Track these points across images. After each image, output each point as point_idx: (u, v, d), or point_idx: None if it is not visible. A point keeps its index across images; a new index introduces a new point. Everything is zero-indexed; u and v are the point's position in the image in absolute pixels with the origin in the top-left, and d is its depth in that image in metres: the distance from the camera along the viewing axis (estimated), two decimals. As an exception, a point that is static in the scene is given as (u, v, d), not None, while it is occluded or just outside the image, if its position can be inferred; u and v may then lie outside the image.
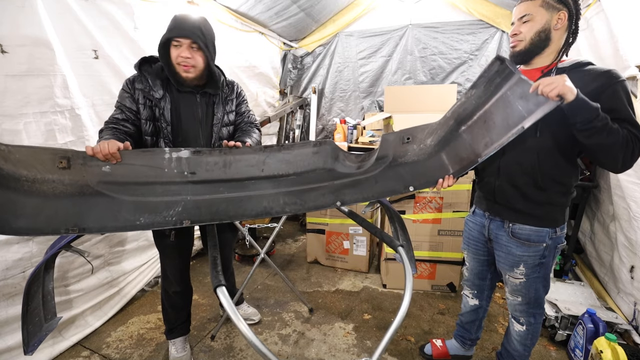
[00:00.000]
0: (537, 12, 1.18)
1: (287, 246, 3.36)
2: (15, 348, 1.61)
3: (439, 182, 1.35)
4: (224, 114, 1.55)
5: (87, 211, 1.10)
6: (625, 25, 1.86)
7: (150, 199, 1.18)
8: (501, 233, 1.39)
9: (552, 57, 1.23)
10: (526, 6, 1.20)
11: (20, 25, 1.49)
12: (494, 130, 1.24)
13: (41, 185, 1.04)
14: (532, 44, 1.21)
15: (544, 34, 1.19)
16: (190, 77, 1.39)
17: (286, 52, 4.06)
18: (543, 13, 1.17)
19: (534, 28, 1.19)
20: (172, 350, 1.80)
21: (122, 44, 2.02)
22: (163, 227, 1.18)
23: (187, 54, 1.34)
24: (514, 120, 1.17)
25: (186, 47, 1.34)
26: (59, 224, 1.07)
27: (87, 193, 1.11)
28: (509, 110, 1.19)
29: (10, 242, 1.58)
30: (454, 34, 3.41)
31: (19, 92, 1.53)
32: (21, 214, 1.01)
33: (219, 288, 0.92)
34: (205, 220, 1.23)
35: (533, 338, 1.49)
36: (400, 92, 3.09)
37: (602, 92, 1.11)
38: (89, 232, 1.11)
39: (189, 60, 1.36)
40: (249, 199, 1.29)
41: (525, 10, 1.20)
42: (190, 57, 1.35)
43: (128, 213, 1.15)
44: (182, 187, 1.22)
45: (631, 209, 1.86)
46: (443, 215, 2.39)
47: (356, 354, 1.89)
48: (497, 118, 1.23)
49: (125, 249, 2.22)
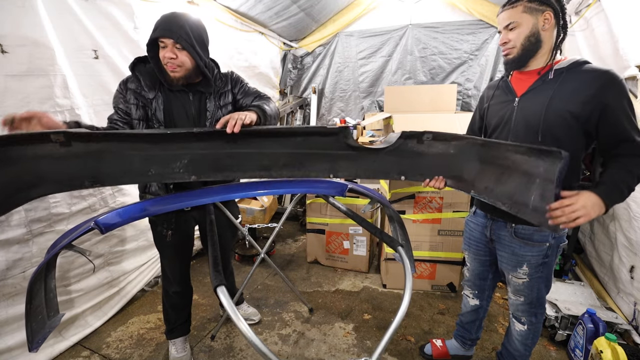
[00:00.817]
0: (521, 17, 1.18)
1: (287, 246, 3.37)
2: (15, 348, 1.61)
3: (426, 181, 1.39)
4: (217, 109, 1.51)
5: (102, 167, 1.19)
6: (625, 25, 1.86)
7: (157, 152, 1.24)
8: (504, 233, 1.39)
9: (546, 57, 1.23)
10: (509, 14, 1.20)
11: (20, 25, 1.49)
12: (500, 187, 1.23)
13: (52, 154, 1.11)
14: (524, 49, 1.21)
15: (534, 37, 1.19)
16: (177, 77, 1.37)
17: (286, 52, 4.06)
18: (527, 18, 1.17)
19: (523, 34, 1.19)
20: (172, 350, 1.80)
21: (122, 44, 2.02)
22: (171, 180, 1.25)
23: (171, 54, 1.32)
24: (519, 199, 1.15)
25: (170, 48, 1.32)
26: (78, 180, 1.18)
27: (97, 153, 1.18)
28: (524, 190, 1.15)
29: (10, 242, 1.58)
30: (454, 34, 3.42)
31: (19, 92, 1.53)
32: (41, 181, 1.12)
33: (219, 288, 0.92)
34: (210, 175, 1.28)
35: (534, 338, 1.49)
36: (400, 92, 3.09)
37: (605, 93, 1.11)
38: (108, 183, 1.20)
39: (174, 61, 1.34)
40: (251, 155, 1.30)
41: (509, 18, 1.20)
42: (175, 57, 1.33)
43: (139, 165, 1.22)
44: (188, 143, 1.25)
45: (631, 209, 1.86)
46: (443, 215, 2.39)
47: (356, 354, 1.90)
48: (511, 183, 1.20)
49: (125, 249, 2.22)
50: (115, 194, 2.07)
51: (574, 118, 1.16)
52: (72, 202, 1.82)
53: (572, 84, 1.17)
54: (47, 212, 1.69)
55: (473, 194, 1.32)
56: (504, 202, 1.20)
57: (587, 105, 1.13)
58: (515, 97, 1.31)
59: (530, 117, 1.25)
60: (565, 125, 1.18)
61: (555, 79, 1.20)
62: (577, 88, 1.15)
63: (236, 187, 1.62)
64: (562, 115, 1.18)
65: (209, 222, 1.32)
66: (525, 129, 1.26)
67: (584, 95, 1.13)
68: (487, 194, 1.27)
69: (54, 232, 1.72)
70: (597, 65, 1.18)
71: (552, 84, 1.20)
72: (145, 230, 2.31)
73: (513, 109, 1.31)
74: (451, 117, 2.67)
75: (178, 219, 1.58)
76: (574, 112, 1.15)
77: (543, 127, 1.21)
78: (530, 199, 1.12)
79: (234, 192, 1.58)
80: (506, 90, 1.36)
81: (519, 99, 1.29)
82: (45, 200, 1.68)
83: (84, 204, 1.88)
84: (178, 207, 1.43)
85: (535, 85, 1.25)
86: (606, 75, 1.13)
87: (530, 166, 1.13)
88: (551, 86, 1.20)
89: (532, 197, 1.11)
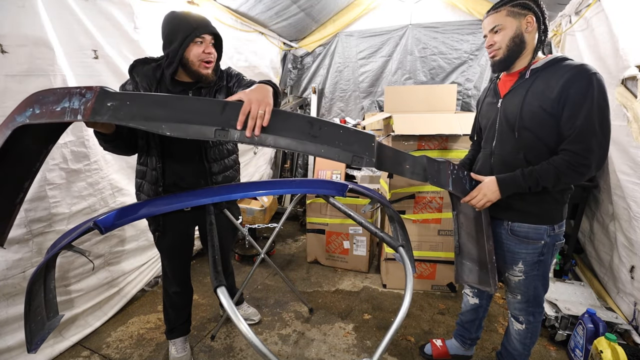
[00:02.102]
0: (505, 21, 1.23)
1: (287, 246, 3.37)
2: (15, 348, 1.61)
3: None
4: None
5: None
6: (625, 25, 1.86)
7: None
8: (500, 231, 1.41)
9: (529, 58, 1.27)
10: (493, 18, 1.26)
11: (20, 25, 1.49)
12: (466, 238, 1.55)
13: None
14: (510, 49, 1.26)
15: (518, 38, 1.24)
16: (210, 73, 1.41)
17: (286, 52, 4.06)
18: (511, 21, 1.23)
19: (507, 35, 1.24)
20: (172, 350, 1.80)
21: (122, 44, 2.02)
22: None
23: (211, 49, 1.38)
24: (464, 256, 1.59)
25: (207, 44, 1.37)
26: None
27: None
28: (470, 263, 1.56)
29: (10, 242, 1.58)
30: (454, 34, 3.42)
31: (19, 92, 1.52)
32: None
33: (219, 288, 0.92)
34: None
35: (533, 337, 1.49)
36: (400, 92, 3.09)
37: (570, 87, 1.14)
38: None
39: (212, 56, 1.39)
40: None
41: (494, 22, 1.25)
42: (212, 52, 1.39)
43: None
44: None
45: (631, 209, 1.86)
46: (443, 215, 2.39)
47: (356, 354, 1.90)
48: (471, 247, 1.53)
49: (125, 249, 2.22)
50: (115, 194, 2.07)
51: (547, 114, 1.20)
52: (72, 202, 1.82)
53: (544, 81, 1.21)
54: (47, 212, 1.69)
55: (454, 214, 1.58)
56: (460, 240, 1.58)
57: (555, 100, 1.17)
58: (500, 98, 1.36)
59: (509, 116, 1.30)
60: (540, 122, 1.23)
61: (531, 77, 1.25)
62: (549, 84, 1.19)
63: (236, 187, 1.62)
64: (535, 111, 1.22)
65: (209, 223, 1.32)
66: (507, 129, 1.31)
67: (553, 91, 1.17)
68: (459, 226, 1.57)
69: (54, 232, 1.72)
70: (574, 61, 1.20)
71: (528, 83, 1.25)
72: (145, 230, 2.31)
73: (497, 110, 1.37)
74: (451, 117, 2.67)
75: (167, 221, 1.57)
76: (546, 108, 1.19)
77: (519, 124, 1.26)
78: (467, 262, 1.57)
79: (234, 192, 1.58)
80: (493, 92, 1.42)
81: (502, 100, 1.35)
82: (45, 200, 1.68)
83: (84, 204, 1.88)
84: (178, 207, 1.44)
85: (515, 85, 1.30)
86: (575, 69, 1.15)
87: (484, 260, 1.45)
88: (527, 85, 1.25)
89: (468, 263, 1.57)
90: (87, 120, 0.95)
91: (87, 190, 1.89)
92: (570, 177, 1.19)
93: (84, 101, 0.94)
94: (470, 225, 1.50)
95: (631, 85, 1.79)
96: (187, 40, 1.32)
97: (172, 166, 1.49)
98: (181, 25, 1.34)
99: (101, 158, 1.95)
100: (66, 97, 0.94)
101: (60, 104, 0.93)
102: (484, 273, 1.47)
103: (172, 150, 1.47)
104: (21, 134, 0.98)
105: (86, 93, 0.94)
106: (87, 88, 0.95)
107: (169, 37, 1.35)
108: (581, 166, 1.16)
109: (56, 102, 0.94)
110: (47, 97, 0.95)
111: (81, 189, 1.86)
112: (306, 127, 1.02)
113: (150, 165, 1.48)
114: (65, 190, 1.78)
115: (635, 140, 1.75)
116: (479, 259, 1.48)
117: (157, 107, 0.97)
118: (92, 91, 0.94)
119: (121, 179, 2.11)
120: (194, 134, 0.96)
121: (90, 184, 1.91)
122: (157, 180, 1.48)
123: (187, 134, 0.96)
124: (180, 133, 0.96)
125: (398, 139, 2.32)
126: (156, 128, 0.94)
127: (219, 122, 0.98)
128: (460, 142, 2.30)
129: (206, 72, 1.40)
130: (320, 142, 1.02)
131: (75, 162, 1.81)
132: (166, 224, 1.57)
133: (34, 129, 1.02)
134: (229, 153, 1.61)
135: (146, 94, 1.10)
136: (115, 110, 0.94)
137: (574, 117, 1.15)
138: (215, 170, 1.55)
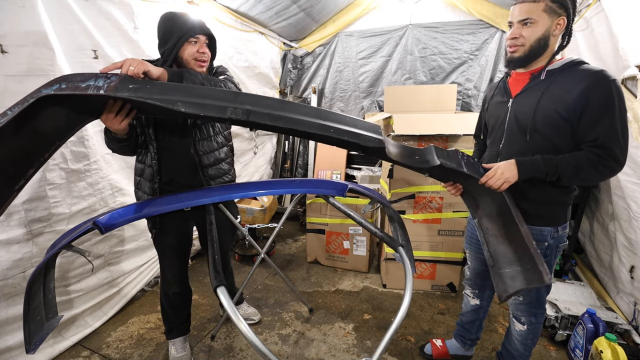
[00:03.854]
0: (540, 16, 1.14)
1: (287, 246, 3.36)
2: (15, 348, 1.61)
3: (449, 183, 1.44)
4: None
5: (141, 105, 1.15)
6: (625, 25, 1.86)
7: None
8: None
9: (546, 60, 1.23)
10: (529, 7, 1.15)
11: (20, 25, 1.49)
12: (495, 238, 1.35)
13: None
14: (532, 50, 1.20)
15: (543, 41, 1.18)
16: (204, 72, 1.43)
17: (286, 52, 4.06)
18: (545, 18, 1.14)
19: (536, 34, 1.17)
20: (172, 350, 1.80)
21: (122, 44, 2.02)
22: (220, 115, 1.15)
23: (205, 49, 1.42)
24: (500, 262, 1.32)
25: (201, 44, 1.41)
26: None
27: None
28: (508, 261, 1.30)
29: (10, 242, 1.58)
30: (454, 34, 3.41)
31: (18, 93, 1.50)
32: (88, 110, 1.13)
33: (219, 288, 0.92)
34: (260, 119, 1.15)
35: (534, 338, 1.49)
36: (400, 92, 3.08)
37: (590, 94, 1.11)
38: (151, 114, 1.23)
39: (205, 55, 1.42)
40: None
41: (528, 13, 1.15)
42: (206, 52, 1.43)
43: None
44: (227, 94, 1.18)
45: (631, 209, 1.86)
46: (443, 215, 2.39)
47: (356, 354, 1.89)
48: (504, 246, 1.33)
49: (125, 249, 2.22)
50: (115, 194, 2.07)
51: (561, 118, 1.17)
52: (72, 202, 1.82)
53: (562, 85, 1.17)
54: (48, 212, 1.69)
55: (476, 222, 1.41)
56: (490, 250, 1.34)
57: (572, 105, 1.14)
58: (510, 97, 1.32)
59: (521, 117, 1.26)
60: (553, 125, 1.20)
61: (547, 79, 1.21)
62: (566, 89, 1.16)
63: (236, 187, 1.62)
64: (550, 115, 1.19)
65: (209, 223, 1.32)
66: (517, 130, 1.28)
67: (571, 96, 1.14)
68: (485, 234, 1.37)
69: (54, 232, 1.72)
70: (592, 65, 1.17)
71: (543, 85, 1.21)
72: (145, 230, 2.31)
73: (507, 109, 1.33)
74: (451, 117, 2.67)
75: (164, 219, 1.57)
76: (561, 112, 1.16)
77: (531, 127, 1.23)
78: (505, 270, 1.27)
79: (234, 192, 1.58)
80: (503, 91, 1.38)
81: (513, 99, 1.31)
82: (45, 200, 1.68)
83: (83, 203, 1.88)
84: (178, 207, 1.44)
85: (528, 85, 1.26)
86: (595, 75, 1.12)
87: (523, 257, 1.23)
88: (542, 87, 1.21)
89: (507, 270, 1.27)
90: (108, 94, 0.99)
91: (86, 190, 1.89)
92: (589, 174, 1.15)
93: (108, 81, 1.01)
94: (496, 226, 1.37)
95: (631, 85, 1.79)
96: (181, 40, 1.36)
97: (167, 162, 1.51)
98: (176, 25, 1.37)
99: (101, 158, 1.95)
100: (92, 78, 1.02)
101: (86, 82, 1.00)
102: (529, 268, 1.21)
103: (166, 145, 1.49)
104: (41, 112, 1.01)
105: (111, 77, 1.03)
106: (112, 73, 1.04)
107: (164, 36, 1.38)
108: (602, 166, 1.13)
109: (82, 81, 1.01)
110: (75, 77, 1.02)
111: (81, 189, 1.86)
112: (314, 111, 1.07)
113: (147, 162, 1.49)
114: (65, 190, 1.78)
115: (635, 140, 1.75)
116: (517, 256, 1.27)
117: (174, 90, 1.04)
118: (117, 76, 1.03)
119: (121, 179, 2.11)
120: (210, 110, 1.02)
121: (90, 184, 1.91)
122: (154, 176, 1.48)
123: (203, 110, 1.02)
124: (196, 109, 1.01)
125: (398, 139, 2.32)
126: (172, 104, 1.01)
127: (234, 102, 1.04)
128: (461, 142, 2.30)
129: (200, 70, 1.42)
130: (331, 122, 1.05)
131: (75, 162, 1.81)
132: (163, 222, 1.58)
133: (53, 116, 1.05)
134: (219, 146, 1.60)
135: (167, 83, 1.16)
136: (135, 90, 1.02)
137: (595, 124, 1.12)
138: (205, 162, 1.55)
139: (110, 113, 1.13)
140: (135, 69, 1.06)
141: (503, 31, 3.18)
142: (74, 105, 1.07)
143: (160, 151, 1.48)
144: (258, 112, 1.02)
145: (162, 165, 1.50)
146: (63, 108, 1.07)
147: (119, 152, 1.45)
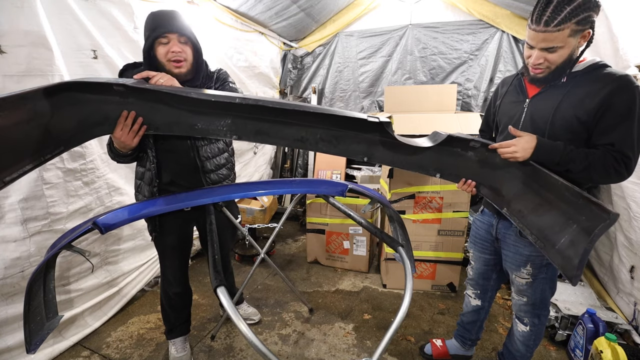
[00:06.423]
0: (566, 42, 1.08)
1: (287, 246, 3.36)
2: (15, 348, 1.60)
3: (462, 181, 1.37)
4: None
5: (154, 115, 1.24)
6: (625, 25, 1.86)
7: (203, 109, 1.25)
8: (509, 232, 1.39)
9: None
10: (554, 37, 1.07)
11: (19, 25, 1.48)
12: (534, 216, 1.20)
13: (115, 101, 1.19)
14: (558, 70, 1.15)
15: (569, 58, 1.14)
16: (182, 72, 1.37)
17: (286, 52, 4.06)
18: (571, 41, 1.09)
19: (562, 58, 1.12)
20: (172, 350, 1.80)
21: (122, 44, 2.02)
22: (215, 135, 1.29)
23: (177, 47, 1.33)
24: (548, 236, 1.14)
25: (175, 42, 1.32)
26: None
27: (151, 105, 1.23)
28: (557, 229, 1.12)
29: (8, 241, 1.57)
30: (454, 34, 3.42)
31: (17, 93, 1.52)
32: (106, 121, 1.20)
33: (219, 288, 0.92)
34: (249, 138, 1.30)
35: (536, 339, 1.48)
36: (400, 92, 3.09)
37: (614, 98, 1.09)
38: (161, 131, 1.27)
39: (180, 54, 1.34)
40: (289, 126, 1.30)
41: (553, 42, 1.09)
42: (181, 50, 1.34)
43: (187, 119, 1.26)
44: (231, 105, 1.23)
45: (631, 209, 1.86)
46: (443, 215, 2.39)
47: (356, 354, 1.89)
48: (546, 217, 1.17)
49: (121, 248, 2.21)
50: (112, 193, 2.07)
51: (580, 123, 1.15)
52: (69, 202, 1.81)
53: (583, 89, 1.14)
54: (45, 211, 1.69)
55: (505, 212, 1.29)
56: (533, 231, 1.17)
57: (594, 110, 1.11)
58: (527, 98, 1.29)
59: (538, 119, 1.23)
60: (571, 131, 1.17)
61: (567, 82, 1.18)
62: (588, 94, 1.13)
63: (236, 187, 1.62)
64: (569, 121, 1.16)
65: (209, 223, 1.32)
66: (532, 132, 1.23)
67: (594, 101, 1.11)
68: (520, 218, 1.23)
69: (51, 231, 1.72)
70: (616, 69, 1.14)
71: (564, 88, 1.18)
72: (142, 230, 2.31)
73: (523, 110, 1.29)
74: (451, 117, 2.67)
75: (164, 221, 1.57)
76: (581, 118, 1.14)
77: (549, 131, 1.20)
78: (560, 240, 1.07)
79: (234, 192, 1.58)
80: (519, 89, 1.34)
81: (529, 100, 1.28)
82: (42, 199, 1.68)
83: (80, 202, 1.87)
84: (178, 207, 1.43)
85: (547, 87, 1.22)
86: (620, 80, 1.09)
87: (573, 211, 1.06)
88: (562, 90, 1.18)
89: (563, 239, 1.06)
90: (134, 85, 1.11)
91: (82, 189, 1.89)
92: (598, 173, 1.13)
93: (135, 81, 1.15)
94: (527, 201, 1.24)
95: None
96: (149, 39, 1.31)
97: (168, 166, 1.50)
98: (147, 25, 1.33)
99: (97, 157, 1.95)
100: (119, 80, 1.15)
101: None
102: (584, 218, 1.01)
103: (166, 149, 1.48)
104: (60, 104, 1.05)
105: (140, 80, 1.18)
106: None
107: (144, 38, 1.35)
108: (614, 170, 1.11)
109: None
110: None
111: (77, 188, 1.86)
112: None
113: (146, 166, 1.49)
114: (62, 190, 1.78)
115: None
116: (565, 216, 1.10)
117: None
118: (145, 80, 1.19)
119: (117, 178, 2.11)
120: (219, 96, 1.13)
121: (86, 183, 1.91)
122: (152, 180, 1.48)
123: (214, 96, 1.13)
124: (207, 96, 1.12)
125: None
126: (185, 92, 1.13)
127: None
128: (460, 142, 2.30)
129: (178, 71, 1.36)
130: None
131: (72, 162, 1.80)
132: (163, 224, 1.58)
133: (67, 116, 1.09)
134: (220, 151, 1.60)
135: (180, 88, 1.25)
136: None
137: (613, 128, 1.10)
138: (208, 168, 1.55)
139: (125, 127, 1.18)
140: (165, 82, 1.16)
141: (503, 31, 3.18)
142: (90, 112, 1.14)
143: (161, 154, 1.48)
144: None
145: (163, 167, 1.50)
146: (79, 111, 1.11)
147: (122, 163, 1.46)
